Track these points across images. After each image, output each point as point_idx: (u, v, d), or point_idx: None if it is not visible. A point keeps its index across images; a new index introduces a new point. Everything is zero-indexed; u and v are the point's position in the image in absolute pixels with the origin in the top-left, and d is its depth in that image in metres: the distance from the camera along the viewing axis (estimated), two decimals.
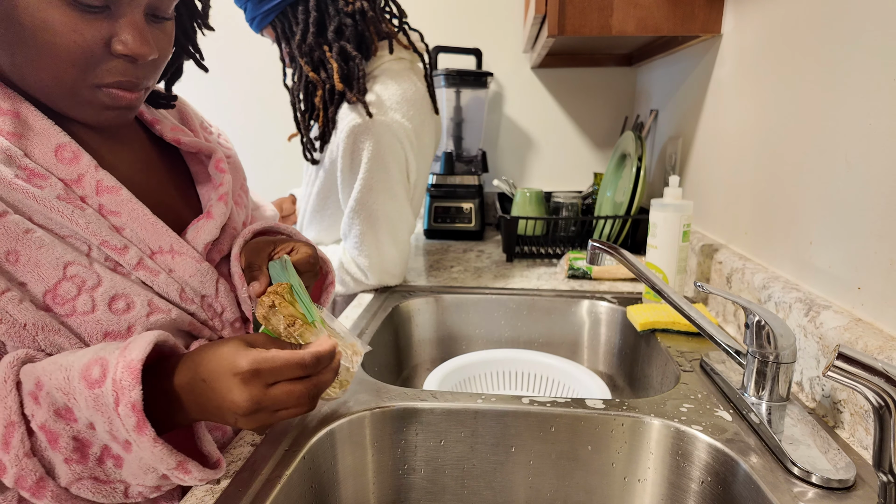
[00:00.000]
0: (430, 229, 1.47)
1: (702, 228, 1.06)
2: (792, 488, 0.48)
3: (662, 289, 0.64)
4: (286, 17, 0.90)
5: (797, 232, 0.71)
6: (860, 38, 0.60)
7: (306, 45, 0.90)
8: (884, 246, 0.55)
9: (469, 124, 1.57)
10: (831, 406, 0.58)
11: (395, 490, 0.64)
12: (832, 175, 0.64)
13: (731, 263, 0.84)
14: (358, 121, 0.90)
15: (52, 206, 0.48)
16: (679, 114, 1.21)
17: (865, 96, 0.58)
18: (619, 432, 0.60)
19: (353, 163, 0.92)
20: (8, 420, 0.43)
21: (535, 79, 1.65)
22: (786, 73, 0.75)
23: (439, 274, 1.14)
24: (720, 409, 0.61)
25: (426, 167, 1.03)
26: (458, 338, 1.02)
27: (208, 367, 0.45)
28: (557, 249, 1.29)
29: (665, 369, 0.76)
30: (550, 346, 1.00)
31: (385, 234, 0.94)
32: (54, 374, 0.44)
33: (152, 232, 0.54)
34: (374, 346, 0.84)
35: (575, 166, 1.69)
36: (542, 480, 0.63)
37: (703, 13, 0.97)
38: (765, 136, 0.80)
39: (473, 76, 1.50)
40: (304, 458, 0.54)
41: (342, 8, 0.89)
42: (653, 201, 0.90)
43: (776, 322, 0.55)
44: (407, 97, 0.93)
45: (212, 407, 0.45)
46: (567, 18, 0.98)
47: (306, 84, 0.94)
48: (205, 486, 0.49)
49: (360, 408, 0.61)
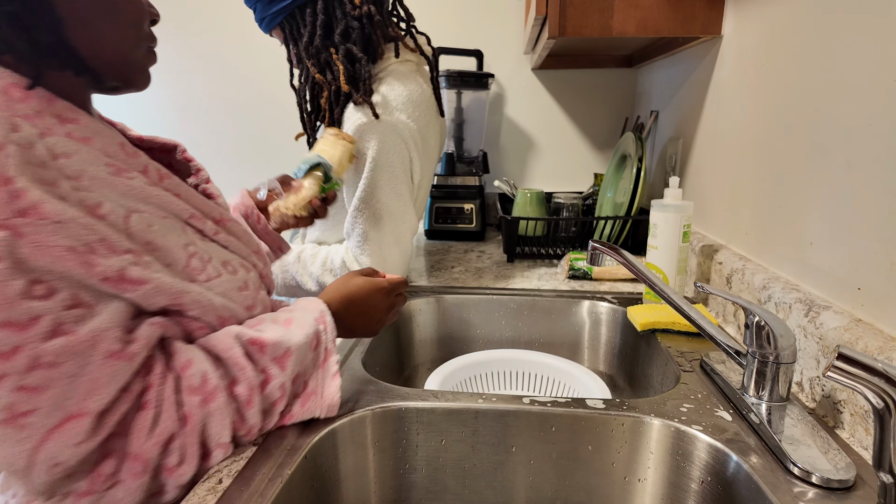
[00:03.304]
0: (431, 230, 1.48)
1: (702, 229, 1.06)
2: (792, 488, 0.48)
3: (663, 289, 0.64)
4: (294, 19, 0.91)
5: (797, 232, 0.71)
6: (860, 38, 0.60)
7: (313, 47, 0.90)
8: (884, 246, 0.55)
9: (470, 125, 1.58)
10: (831, 406, 0.58)
11: (396, 489, 0.64)
12: (832, 175, 0.64)
13: (732, 264, 0.84)
14: (363, 120, 0.90)
15: (149, 195, 0.53)
16: (679, 115, 1.21)
17: (865, 97, 0.58)
18: (619, 432, 0.60)
19: (358, 162, 0.92)
20: (251, 384, 0.53)
21: (536, 80, 1.65)
22: (786, 74, 0.75)
23: (440, 274, 1.14)
24: (720, 409, 0.61)
25: (430, 169, 1.03)
26: (459, 338, 1.02)
27: (358, 293, 0.67)
28: (558, 250, 1.30)
29: (665, 369, 0.76)
30: (551, 347, 1.00)
31: (388, 233, 0.95)
32: (277, 344, 0.56)
33: (207, 205, 0.60)
34: (375, 347, 0.85)
35: (575, 167, 1.70)
36: (543, 480, 0.63)
37: (703, 14, 0.98)
38: (765, 137, 0.81)
39: (474, 77, 1.50)
40: (305, 457, 0.54)
41: (349, 11, 0.89)
42: (653, 202, 0.90)
43: (776, 322, 0.55)
44: (412, 98, 0.94)
45: (364, 317, 0.67)
46: (568, 20, 0.98)
47: (313, 85, 0.94)
48: (206, 486, 0.49)
49: (362, 407, 0.61)
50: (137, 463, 0.47)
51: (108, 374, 0.46)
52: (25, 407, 0.43)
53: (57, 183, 0.46)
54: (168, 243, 0.53)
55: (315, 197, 0.84)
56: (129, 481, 0.47)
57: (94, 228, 0.46)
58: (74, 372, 0.44)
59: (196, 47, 1.70)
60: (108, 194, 0.50)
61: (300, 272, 0.98)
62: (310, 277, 0.97)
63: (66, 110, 0.51)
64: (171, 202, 0.56)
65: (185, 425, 0.49)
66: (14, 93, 0.48)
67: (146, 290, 0.49)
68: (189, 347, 0.52)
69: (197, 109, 1.76)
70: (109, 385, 0.46)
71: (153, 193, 0.54)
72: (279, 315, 0.60)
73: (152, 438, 0.47)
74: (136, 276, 0.48)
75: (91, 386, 0.45)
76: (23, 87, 0.48)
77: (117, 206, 0.50)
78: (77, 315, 0.45)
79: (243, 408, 0.52)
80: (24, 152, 0.45)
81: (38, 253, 0.43)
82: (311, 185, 0.83)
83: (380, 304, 0.68)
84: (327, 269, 0.96)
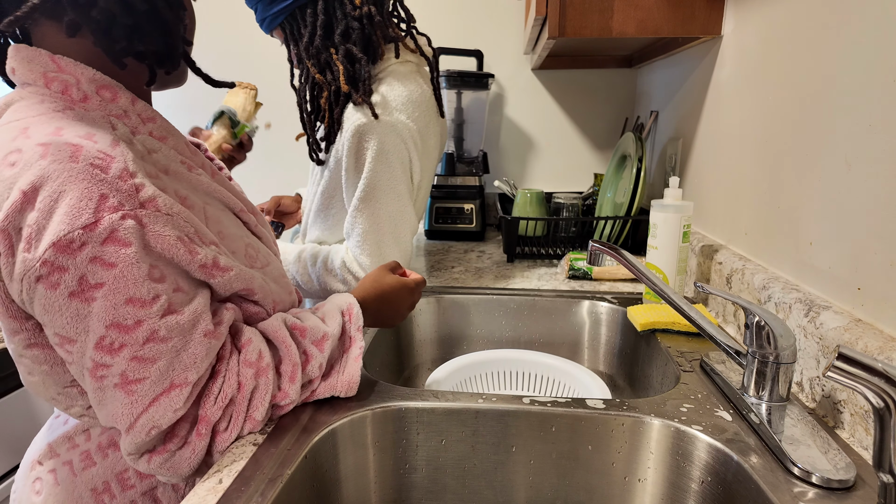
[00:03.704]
0: (431, 230, 1.48)
1: (702, 229, 1.06)
2: (792, 488, 0.48)
3: (663, 289, 0.64)
4: (294, 19, 0.91)
5: (797, 232, 0.71)
6: (860, 38, 0.60)
7: (313, 47, 0.90)
8: (884, 246, 0.55)
9: (470, 125, 1.58)
10: (831, 406, 0.58)
11: (396, 489, 0.64)
12: (832, 175, 0.64)
13: (731, 264, 0.84)
14: (363, 120, 0.90)
15: (213, 189, 0.60)
16: (679, 115, 1.21)
17: (865, 97, 0.58)
18: (619, 432, 0.60)
19: (358, 162, 0.92)
20: (294, 361, 0.58)
21: (536, 80, 1.65)
22: (786, 75, 0.75)
23: (440, 274, 1.14)
24: (720, 409, 0.61)
25: (430, 169, 1.03)
26: (460, 338, 1.02)
27: (391, 290, 0.72)
28: (558, 250, 1.30)
29: (665, 369, 0.76)
30: (551, 347, 1.00)
31: (387, 233, 0.95)
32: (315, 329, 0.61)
33: (247, 201, 0.67)
34: (375, 346, 0.85)
35: (575, 167, 1.70)
36: (543, 480, 0.63)
37: (703, 14, 0.98)
38: (765, 137, 0.81)
39: (474, 77, 1.50)
40: (305, 457, 0.54)
41: (349, 12, 0.90)
42: (653, 202, 0.90)
43: (776, 322, 0.56)
44: (412, 99, 0.94)
45: (390, 311, 0.73)
46: (568, 20, 0.98)
47: (313, 85, 0.94)
48: (206, 486, 0.49)
49: (362, 407, 0.61)
50: (203, 425, 0.53)
51: (205, 349, 0.52)
52: (137, 375, 0.49)
53: (158, 176, 0.52)
54: (231, 233, 0.59)
55: (225, 141, 0.97)
56: (195, 442, 0.52)
57: (191, 221, 0.52)
58: (179, 347, 0.50)
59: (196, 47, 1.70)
60: (188, 188, 0.56)
61: (300, 272, 0.98)
62: (310, 277, 0.97)
63: (145, 109, 0.57)
64: (228, 197, 0.62)
65: (239, 392, 0.54)
66: (105, 94, 0.54)
67: (230, 277, 0.55)
68: (249, 328, 0.58)
69: (197, 109, 1.76)
70: (205, 360, 0.52)
71: (216, 188, 0.60)
72: (313, 309, 0.66)
73: (217, 403, 0.53)
74: (224, 264, 0.55)
75: (191, 360, 0.51)
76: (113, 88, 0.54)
77: (197, 200, 0.56)
78: (181, 298, 0.51)
79: (287, 383, 0.57)
80: (132, 148, 0.51)
81: (156, 241, 0.49)
82: (220, 130, 0.97)
83: (405, 301, 0.75)
84: (327, 269, 0.96)
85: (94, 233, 0.45)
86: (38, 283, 0.46)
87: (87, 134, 0.48)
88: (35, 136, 0.47)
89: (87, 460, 0.60)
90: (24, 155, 0.46)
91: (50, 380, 0.56)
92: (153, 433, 0.50)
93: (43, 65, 0.52)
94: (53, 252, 0.45)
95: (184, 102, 1.75)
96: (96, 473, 0.59)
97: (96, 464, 0.60)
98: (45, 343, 0.54)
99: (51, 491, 0.60)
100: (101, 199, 0.46)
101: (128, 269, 0.47)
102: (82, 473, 0.59)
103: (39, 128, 0.48)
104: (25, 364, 0.55)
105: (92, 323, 0.47)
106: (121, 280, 0.47)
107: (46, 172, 0.45)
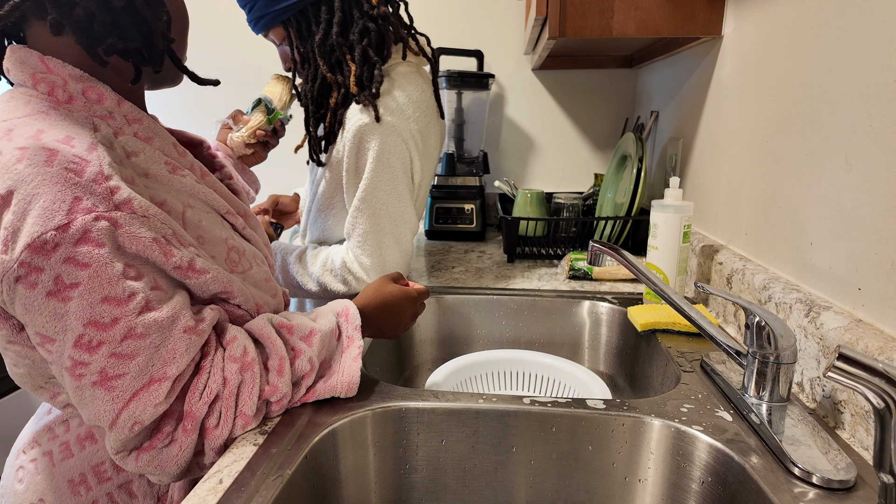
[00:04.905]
0: (431, 230, 1.48)
1: (702, 229, 1.06)
2: (792, 489, 0.48)
3: (663, 289, 0.64)
4: (304, 16, 0.90)
5: (797, 233, 0.71)
6: (861, 39, 0.60)
7: (326, 45, 0.89)
8: (884, 247, 0.55)
9: (470, 126, 1.57)
10: (832, 407, 0.58)
11: (396, 489, 0.64)
12: (832, 176, 0.64)
13: (732, 264, 0.84)
14: (365, 121, 0.90)
15: (197, 192, 0.60)
16: (679, 115, 1.21)
17: (865, 97, 0.58)
18: (619, 432, 0.60)
19: (359, 162, 0.92)
20: (281, 355, 0.58)
21: (536, 80, 1.65)
22: (786, 74, 0.75)
23: (441, 274, 1.14)
24: (720, 409, 0.61)
25: (431, 170, 1.03)
26: (460, 338, 1.02)
27: (391, 299, 0.72)
28: (558, 250, 1.30)
29: (665, 370, 0.76)
30: (551, 347, 1.00)
31: (388, 234, 0.95)
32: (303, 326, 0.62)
33: (236, 202, 0.67)
34: (375, 346, 0.85)
35: (576, 167, 1.70)
36: (543, 480, 0.63)
37: (703, 15, 0.98)
38: (765, 137, 0.81)
39: (475, 78, 1.50)
40: (305, 457, 0.54)
41: (367, 10, 0.89)
42: (653, 202, 0.90)
43: (776, 323, 0.55)
44: (413, 100, 0.94)
45: (392, 321, 0.72)
46: (568, 20, 0.98)
47: (321, 85, 0.94)
48: (207, 486, 0.49)
49: (362, 407, 0.61)
50: (189, 421, 0.53)
51: (185, 345, 0.52)
52: (116, 371, 0.50)
53: (134, 181, 0.53)
54: (213, 237, 0.60)
55: (261, 127, 1.03)
56: (182, 439, 0.53)
57: (168, 223, 0.53)
58: (158, 343, 0.51)
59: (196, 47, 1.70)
60: (168, 191, 0.57)
61: (301, 272, 0.98)
62: (310, 277, 0.97)
63: (132, 111, 0.57)
64: (214, 198, 0.62)
65: (225, 387, 0.55)
66: (91, 95, 0.54)
67: (206, 279, 0.56)
68: (234, 327, 0.59)
69: (197, 109, 1.76)
70: (185, 355, 0.53)
71: (200, 190, 0.60)
72: (307, 312, 0.67)
73: (202, 399, 0.54)
74: (201, 266, 0.55)
75: (171, 355, 0.52)
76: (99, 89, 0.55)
77: (176, 203, 0.57)
78: (159, 296, 0.52)
79: (275, 377, 0.57)
80: (111, 152, 0.51)
81: (131, 242, 0.50)
82: (257, 115, 1.03)
83: (407, 311, 0.74)
84: (327, 269, 0.96)
85: (67, 234, 0.46)
86: (18, 283, 0.47)
87: (65, 138, 0.49)
88: (16, 140, 0.48)
89: (65, 451, 0.61)
90: (2, 158, 0.47)
91: (35, 371, 0.57)
92: (136, 429, 0.51)
93: (33, 66, 0.53)
94: (29, 253, 0.46)
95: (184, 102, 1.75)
96: (74, 465, 0.61)
97: (74, 455, 0.61)
98: (25, 342, 0.55)
99: (31, 480, 0.61)
100: (75, 202, 0.47)
101: (102, 269, 0.48)
102: (61, 464, 0.61)
103: (22, 129, 0.49)
104: (10, 357, 0.57)
105: (70, 322, 0.48)
106: (95, 279, 0.48)
107: (21, 176, 0.46)
